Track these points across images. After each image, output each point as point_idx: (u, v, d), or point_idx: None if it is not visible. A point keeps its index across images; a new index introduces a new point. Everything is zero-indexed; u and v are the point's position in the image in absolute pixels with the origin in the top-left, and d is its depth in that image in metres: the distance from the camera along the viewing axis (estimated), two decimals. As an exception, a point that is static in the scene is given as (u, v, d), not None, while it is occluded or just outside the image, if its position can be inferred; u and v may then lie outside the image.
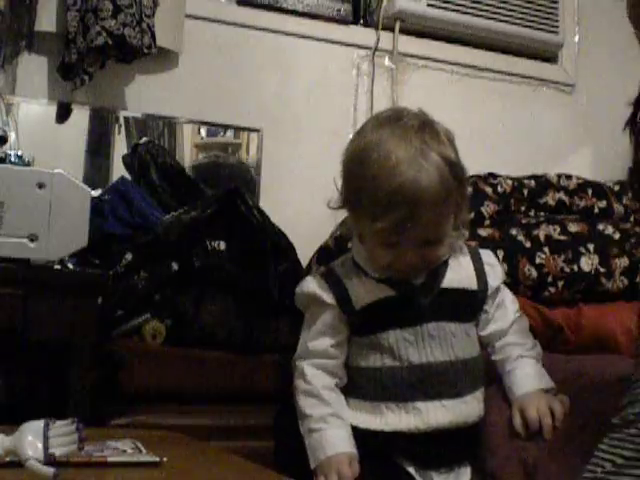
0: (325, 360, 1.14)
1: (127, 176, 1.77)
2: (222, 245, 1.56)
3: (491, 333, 1.20)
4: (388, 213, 1.04)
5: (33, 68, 1.87)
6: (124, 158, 1.84)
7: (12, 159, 1.39)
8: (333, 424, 1.10)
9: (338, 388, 1.14)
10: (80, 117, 1.92)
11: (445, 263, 1.16)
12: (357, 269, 1.16)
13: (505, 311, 1.21)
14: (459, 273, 1.17)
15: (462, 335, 1.15)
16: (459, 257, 1.18)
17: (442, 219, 1.09)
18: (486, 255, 1.23)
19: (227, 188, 1.65)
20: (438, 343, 1.12)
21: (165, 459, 0.83)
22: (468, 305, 1.18)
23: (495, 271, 1.22)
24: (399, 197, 1.03)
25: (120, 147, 1.94)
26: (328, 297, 1.14)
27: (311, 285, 1.17)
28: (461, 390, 1.13)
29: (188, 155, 2.05)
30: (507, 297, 1.24)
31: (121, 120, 1.97)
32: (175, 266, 1.53)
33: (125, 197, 1.63)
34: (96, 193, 1.62)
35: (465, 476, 1.13)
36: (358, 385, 1.14)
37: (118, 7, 1.73)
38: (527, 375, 1.16)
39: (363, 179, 1.07)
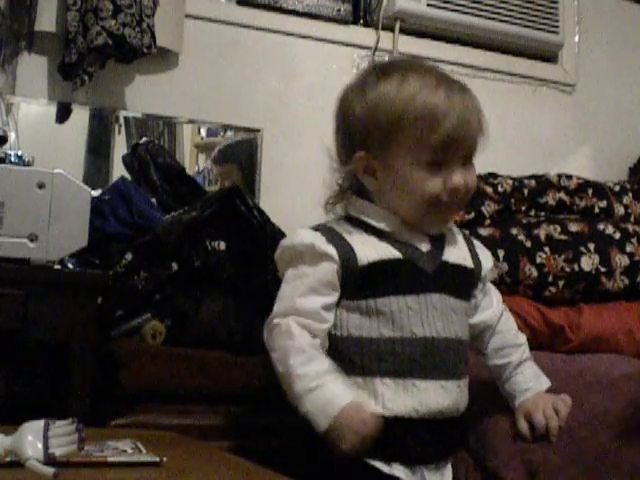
0: (312, 322, 1.01)
1: (127, 176, 1.77)
2: (222, 245, 1.56)
3: (481, 322, 1.17)
4: (439, 125, 1.02)
5: (33, 68, 1.87)
6: (124, 158, 1.84)
7: (12, 159, 1.40)
8: (333, 379, 0.98)
9: None
10: (80, 117, 1.92)
11: (442, 237, 1.12)
12: (356, 226, 1.08)
13: (490, 300, 1.19)
14: (456, 249, 1.13)
15: (461, 313, 1.10)
16: (454, 233, 1.15)
17: (481, 134, 1.07)
18: (474, 240, 1.21)
19: (227, 188, 1.65)
20: (440, 316, 1.06)
21: (165, 459, 0.83)
22: (466, 283, 1.14)
23: (485, 254, 1.18)
24: (449, 105, 1.02)
25: (120, 147, 1.94)
26: (329, 248, 1.03)
27: (308, 236, 1.06)
28: (458, 372, 1.07)
29: (188, 155, 2.05)
30: (491, 287, 1.21)
31: (121, 120, 1.96)
32: (175, 266, 1.53)
33: (125, 197, 1.63)
34: (96, 193, 1.62)
35: (448, 471, 1.10)
36: (348, 357, 1.03)
37: (118, 7, 1.73)
38: (527, 379, 1.15)
39: (402, 103, 1.03)
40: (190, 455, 0.96)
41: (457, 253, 1.12)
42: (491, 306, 1.18)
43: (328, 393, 0.96)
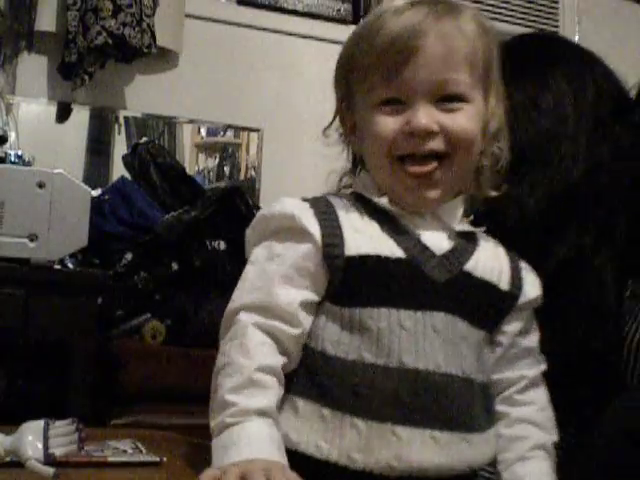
0: (279, 324, 0.75)
1: (127, 176, 1.77)
2: (222, 245, 1.56)
3: (503, 379, 0.84)
4: (371, 43, 0.79)
5: (33, 68, 1.87)
6: (124, 158, 1.84)
7: (12, 159, 1.40)
8: (263, 424, 0.71)
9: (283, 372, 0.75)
10: (80, 117, 1.92)
11: (474, 240, 0.83)
12: (358, 204, 0.81)
13: (530, 350, 0.84)
14: (490, 260, 0.83)
15: (477, 345, 0.80)
16: (491, 242, 0.85)
17: (456, 65, 0.77)
18: (523, 262, 0.87)
19: (227, 188, 1.65)
20: (443, 345, 0.77)
21: (165, 459, 0.83)
22: (492, 307, 0.82)
23: (532, 278, 0.85)
24: (390, 20, 0.77)
25: (120, 147, 1.94)
26: (310, 225, 0.77)
27: (290, 205, 0.80)
28: (468, 422, 0.77)
29: (188, 155, 2.05)
30: (535, 328, 0.86)
31: (121, 120, 1.97)
32: (175, 266, 1.53)
33: (125, 197, 1.64)
34: (96, 193, 1.62)
35: None
36: (317, 379, 0.76)
37: (118, 7, 1.73)
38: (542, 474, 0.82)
39: (355, 33, 0.84)
40: (190, 455, 0.95)
41: (489, 265, 0.82)
42: (528, 359, 0.85)
43: (248, 433, 0.71)
